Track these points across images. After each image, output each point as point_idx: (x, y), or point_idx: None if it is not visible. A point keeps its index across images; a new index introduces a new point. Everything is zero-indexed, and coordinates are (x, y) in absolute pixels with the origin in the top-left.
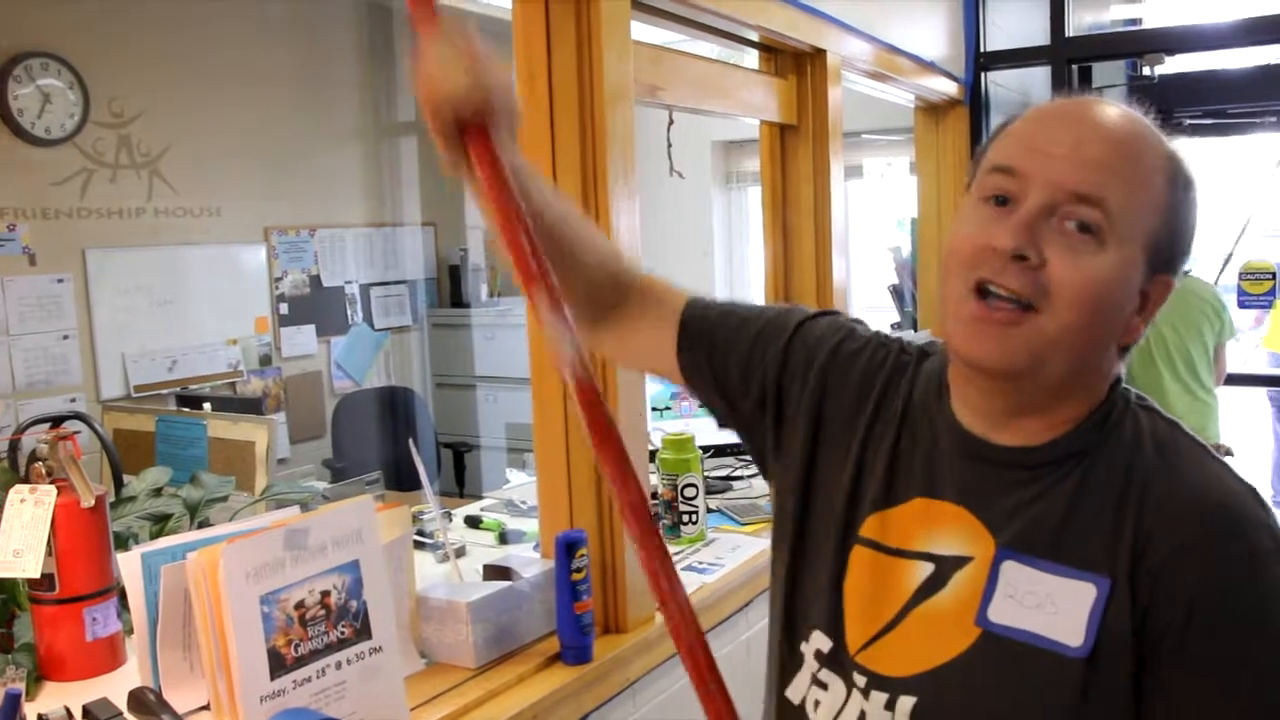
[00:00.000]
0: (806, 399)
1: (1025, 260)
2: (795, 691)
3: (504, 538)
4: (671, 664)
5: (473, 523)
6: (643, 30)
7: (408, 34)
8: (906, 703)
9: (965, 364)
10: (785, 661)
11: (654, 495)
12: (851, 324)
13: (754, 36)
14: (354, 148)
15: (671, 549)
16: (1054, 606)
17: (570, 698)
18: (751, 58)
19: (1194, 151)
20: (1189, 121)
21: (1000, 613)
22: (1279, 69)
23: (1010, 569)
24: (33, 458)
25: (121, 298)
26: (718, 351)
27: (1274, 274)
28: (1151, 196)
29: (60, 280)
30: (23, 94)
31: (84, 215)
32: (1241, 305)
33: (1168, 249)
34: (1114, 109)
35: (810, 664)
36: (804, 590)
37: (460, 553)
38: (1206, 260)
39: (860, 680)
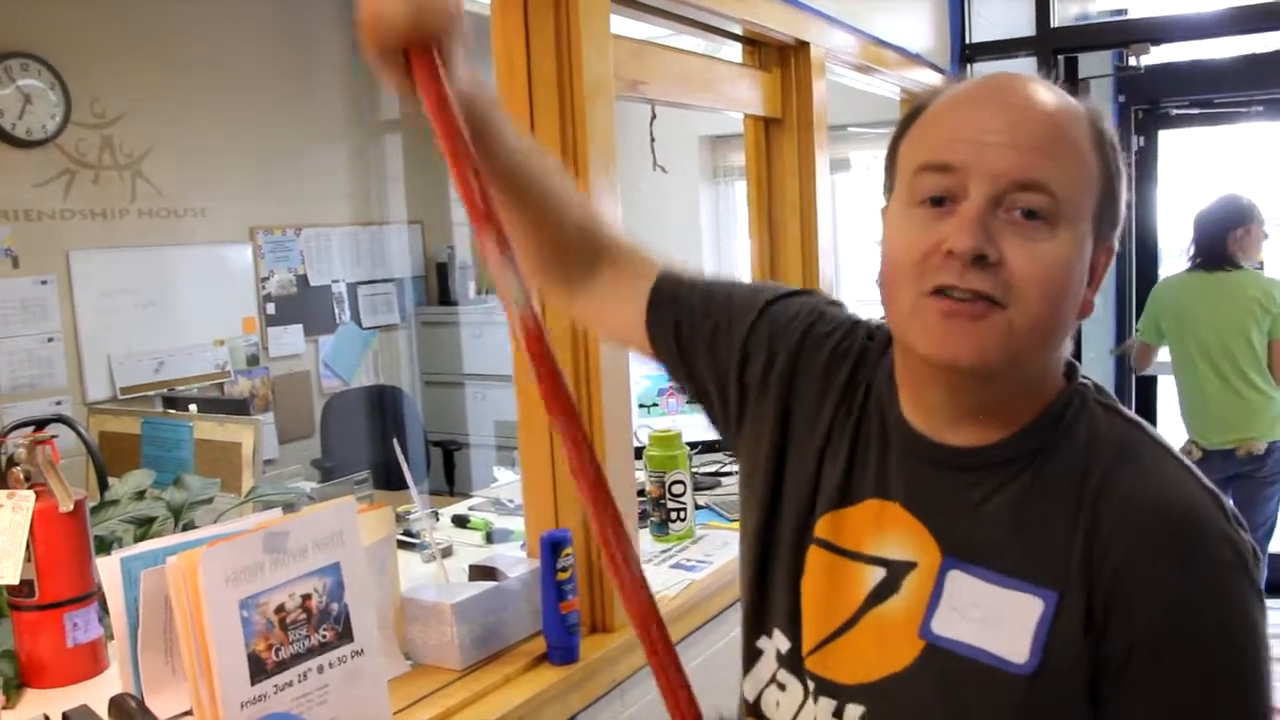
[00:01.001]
0: (775, 384)
1: (985, 259)
2: (751, 687)
3: (490, 537)
4: None
5: (460, 522)
6: (626, 25)
7: None
8: (854, 711)
9: (938, 366)
10: (748, 654)
11: (641, 492)
12: (824, 306)
13: (737, 29)
14: (339, 146)
15: (660, 546)
16: (999, 620)
17: (557, 698)
18: (735, 51)
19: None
20: (1176, 111)
21: (944, 625)
22: (1266, 58)
23: (956, 579)
24: (10, 462)
25: (106, 299)
26: (684, 329)
27: (1261, 264)
28: (1088, 168)
29: (44, 282)
30: (3, 95)
31: (67, 216)
32: None
33: (1110, 216)
34: (1032, 84)
35: (770, 662)
36: (770, 585)
37: (447, 552)
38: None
39: (811, 684)
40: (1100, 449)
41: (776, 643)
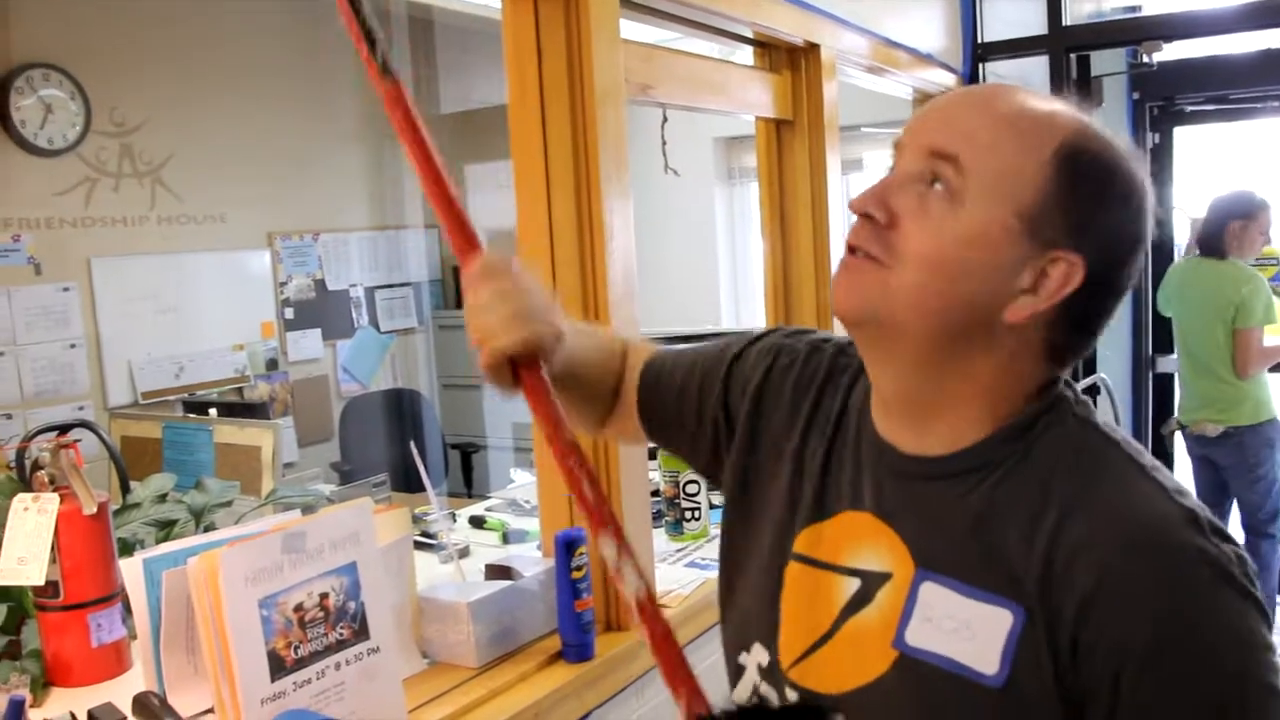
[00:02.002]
0: (743, 427)
1: (872, 219)
2: (738, 700)
3: (506, 537)
4: None
5: (477, 523)
6: (638, 29)
7: (406, 38)
8: None
9: (839, 318)
10: (732, 670)
11: (655, 493)
12: (784, 341)
13: (747, 32)
14: (356, 151)
15: (674, 545)
16: (970, 632)
17: (572, 695)
18: (747, 54)
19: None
20: (1190, 108)
21: (917, 636)
22: None
23: (929, 591)
24: (35, 466)
25: (127, 305)
26: (671, 418)
27: (1278, 259)
28: (1025, 165)
29: (66, 289)
30: (25, 105)
31: (88, 224)
32: None
33: (1056, 224)
34: (1018, 91)
35: (752, 675)
36: (747, 602)
37: (464, 553)
38: None
39: (792, 696)
40: (1069, 463)
41: (756, 656)
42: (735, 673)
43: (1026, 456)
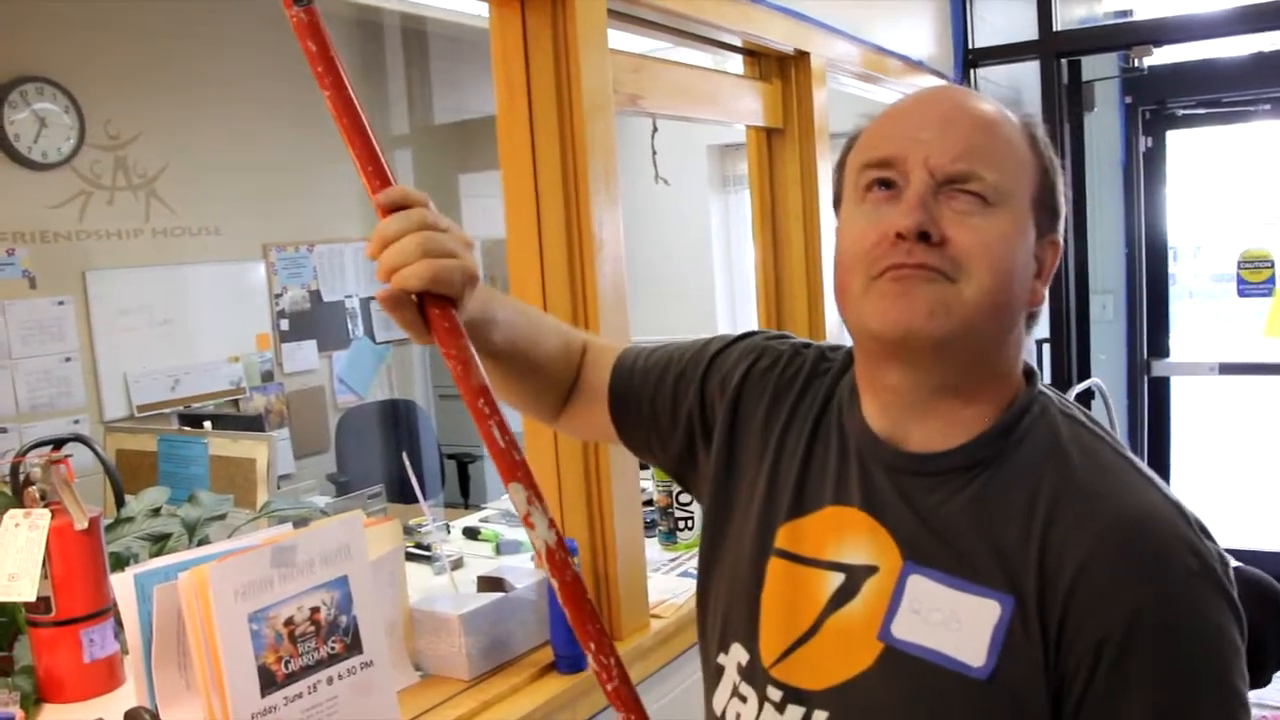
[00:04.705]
0: (721, 424)
1: (929, 237)
2: (718, 702)
3: (500, 549)
4: (668, 671)
5: (471, 534)
6: (627, 39)
7: (399, 49)
8: (820, 717)
9: (892, 339)
10: (711, 671)
11: (649, 502)
12: (766, 343)
13: (737, 41)
14: (350, 162)
15: (668, 555)
16: (958, 624)
17: (565, 707)
18: (736, 63)
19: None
20: (1183, 111)
21: (904, 628)
22: (1273, 56)
23: (916, 583)
24: (26, 481)
25: (122, 318)
26: (645, 413)
27: (1272, 262)
28: (1020, 156)
29: (61, 303)
30: (19, 119)
31: (83, 237)
32: (1241, 294)
33: (1049, 206)
34: (964, 92)
35: (731, 675)
36: (724, 603)
37: (458, 564)
38: None
39: (775, 694)
40: (1059, 456)
41: (735, 656)
42: (714, 675)
43: (1017, 452)
